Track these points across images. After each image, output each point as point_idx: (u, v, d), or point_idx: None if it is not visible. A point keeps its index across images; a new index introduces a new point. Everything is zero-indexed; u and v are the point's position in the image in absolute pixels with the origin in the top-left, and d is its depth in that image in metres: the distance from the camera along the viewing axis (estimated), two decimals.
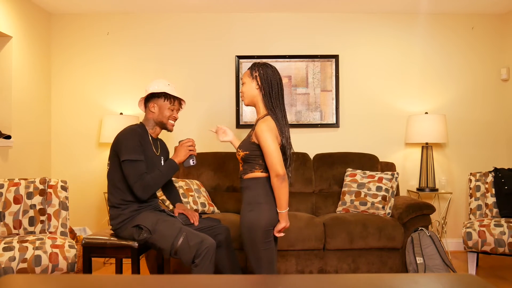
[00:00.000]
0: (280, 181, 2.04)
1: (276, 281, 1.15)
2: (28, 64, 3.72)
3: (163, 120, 2.45)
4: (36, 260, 2.38)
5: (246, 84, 2.20)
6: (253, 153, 2.12)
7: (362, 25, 4.14)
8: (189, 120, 4.06)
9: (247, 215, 2.09)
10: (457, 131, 4.14)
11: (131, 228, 2.30)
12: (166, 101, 2.44)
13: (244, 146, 2.16)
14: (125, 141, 2.30)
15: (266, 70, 2.16)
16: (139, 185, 2.26)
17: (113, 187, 2.38)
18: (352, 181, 3.49)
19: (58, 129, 4.07)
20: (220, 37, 4.11)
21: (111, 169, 2.39)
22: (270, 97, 2.15)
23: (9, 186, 2.73)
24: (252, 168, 2.14)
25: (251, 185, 2.13)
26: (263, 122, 2.09)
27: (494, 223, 3.09)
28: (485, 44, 4.17)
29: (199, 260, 2.15)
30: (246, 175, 2.15)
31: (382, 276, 1.18)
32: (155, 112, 2.44)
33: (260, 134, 2.06)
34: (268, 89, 2.15)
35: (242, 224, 2.11)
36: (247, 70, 2.23)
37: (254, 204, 2.09)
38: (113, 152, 2.36)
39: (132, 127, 2.39)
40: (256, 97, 2.18)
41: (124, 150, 2.27)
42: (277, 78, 2.17)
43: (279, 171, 2.03)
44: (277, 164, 2.03)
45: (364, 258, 3.12)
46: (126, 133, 2.34)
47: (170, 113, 2.46)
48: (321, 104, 4.08)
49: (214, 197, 3.62)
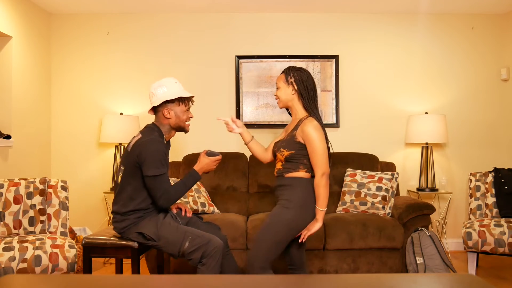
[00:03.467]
0: (325, 180, 2.11)
1: (276, 281, 1.15)
2: (28, 64, 3.72)
3: (181, 124, 2.34)
4: (36, 260, 2.38)
5: (281, 89, 2.26)
6: (298, 153, 2.16)
7: (362, 25, 4.14)
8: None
9: (287, 212, 2.13)
10: (457, 131, 4.14)
11: (135, 233, 2.29)
12: (181, 105, 2.31)
13: (289, 145, 2.18)
14: (150, 154, 2.16)
15: (301, 75, 2.22)
16: (164, 199, 2.21)
17: (127, 197, 2.26)
18: (352, 181, 3.49)
19: (58, 129, 4.07)
20: (220, 37, 4.11)
21: (130, 179, 2.25)
22: (308, 101, 2.22)
23: (9, 186, 2.73)
24: (296, 167, 2.18)
25: (294, 183, 2.16)
26: (311, 122, 2.15)
27: (494, 223, 3.09)
28: (485, 44, 4.17)
29: (206, 259, 2.15)
30: (289, 173, 2.19)
31: (382, 276, 1.18)
32: (171, 118, 2.31)
33: (310, 134, 2.12)
34: (305, 93, 2.21)
35: (273, 214, 2.15)
36: (281, 75, 2.28)
37: (294, 203, 2.13)
38: (133, 163, 2.21)
39: (154, 137, 2.23)
40: (292, 101, 2.25)
41: (150, 165, 2.15)
42: (312, 82, 2.24)
43: (326, 169, 2.11)
44: (326, 162, 2.12)
45: (364, 258, 3.12)
46: (150, 145, 2.18)
47: (187, 116, 2.35)
48: (321, 104, 4.08)
49: (214, 197, 3.62)
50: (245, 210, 3.62)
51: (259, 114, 4.06)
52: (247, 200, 3.67)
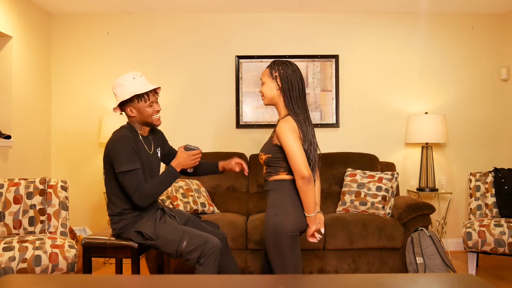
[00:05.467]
0: (305, 184, 1.92)
1: (276, 281, 1.15)
2: (28, 64, 3.72)
3: (147, 120, 2.28)
4: (36, 260, 2.38)
5: (266, 85, 2.09)
6: (276, 156, 2.02)
7: (362, 25, 4.14)
8: (189, 120, 4.06)
9: (271, 219, 1.99)
10: (457, 131, 4.14)
11: (133, 233, 2.29)
12: (141, 101, 2.23)
13: (266, 149, 2.07)
14: (117, 151, 2.16)
15: (286, 70, 2.04)
16: (137, 195, 2.17)
17: (114, 196, 2.28)
18: (352, 181, 3.49)
19: (58, 129, 4.07)
20: (220, 37, 4.11)
21: (108, 179, 2.28)
22: (291, 98, 2.03)
23: (9, 186, 2.73)
24: (276, 171, 2.04)
25: (276, 187, 2.04)
26: (284, 122, 1.99)
27: (494, 223, 3.09)
28: (485, 44, 4.17)
29: (204, 259, 2.15)
30: (271, 177, 2.06)
31: (382, 276, 1.18)
32: (135, 115, 2.27)
33: (281, 135, 1.96)
34: (289, 90, 2.03)
35: (266, 228, 2.01)
36: (266, 69, 2.11)
37: (279, 207, 1.99)
38: (107, 163, 2.24)
39: (121, 133, 2.22)
40: (276, 98, 2.07)
41: (118, 161, 2.15)
42: (297, 77, 2.05)
43: (303, 172, 1.91)
44: (301, 165, 1.91)
45: (364, 258, 3.12)
46: (116, 141, 2.19)
47: (151, 110, 2.26)
48: (321, 104, 4.08)
49: (214, 197, 3.62)
50: (245, 210, 3.62)
51: (259, 114, 4.06)
52: (247, 200, 3.67)
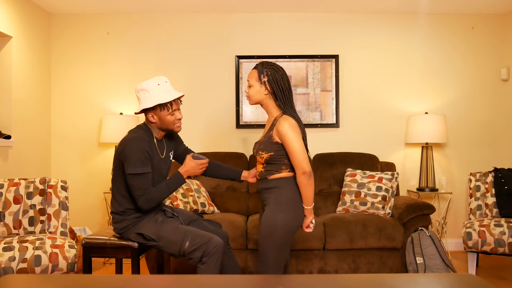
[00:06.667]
0: (307, 178, 2.03)
1: (276, 281, 1.15)
2: (28, 64, 3.72)
3: (168, 127, 2.28)
4: (36, 260, 2.38)
5: (253, 88, 2.12)
6: (278, 154, 2.07)
7: (362, 25, 4.14)
8: (189, 120, 4.05)
9: (280, 215, 2.03)
10: (457, 131, 4.14)
11: (134, 234, 2.29)
12: (164, 110, 2.22)
13: (267, 147, 2.09)
14: (131, 151, 2.16)
15: (275, 74, 2.09)
16: (144, 199, 2.18)
17: (119, 195, 2.29)
18: (352, 181, 3.49)
19: (58, 129, 4.07)
20: (220, 37, 4.11)
21: (116, 177, 2.28)
22: (282, 101, 2.10)
23: (9, 186, 2.73)
24: (278, 168, 2.09)
25: (280, 184, 2.08)
26: (285, 120, 2.05)
27: (494, 223, 3.09)
28: (485, 44, 4.17)
29: (207, 258, 2.15)
30: (272, 175, 2.10)
31: (382, 276, 1.18)
32: (156, 122, 2.27)
33: (284, 133, 2.02)
34: (279, 93, 2.09)
35: (269, 223, 2.03)
36: (253, 71, 2.13)
37: (287, 204, 2.05)
38: (118, 161, 2.24)
39: (138, 134, 2.22)
40: (264, 100, 2.13)
41: (130, 162, 2.15)
42: (285, 81, 2.11)
43: (306, 168, 2.01)
44: (304, 161, 2.01)
45: (364, 258, 3.12)
46: (131, 142, 2.18)
47: (173, 118, 2.26)
48: (321, 104, 4.08)
49: (214, 197, 3.62)
50: (245, 210, 3.63)
51: (259, 114, 4.06)
52: (247, 200, 3.67)
